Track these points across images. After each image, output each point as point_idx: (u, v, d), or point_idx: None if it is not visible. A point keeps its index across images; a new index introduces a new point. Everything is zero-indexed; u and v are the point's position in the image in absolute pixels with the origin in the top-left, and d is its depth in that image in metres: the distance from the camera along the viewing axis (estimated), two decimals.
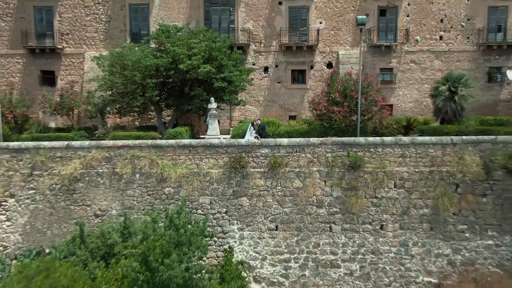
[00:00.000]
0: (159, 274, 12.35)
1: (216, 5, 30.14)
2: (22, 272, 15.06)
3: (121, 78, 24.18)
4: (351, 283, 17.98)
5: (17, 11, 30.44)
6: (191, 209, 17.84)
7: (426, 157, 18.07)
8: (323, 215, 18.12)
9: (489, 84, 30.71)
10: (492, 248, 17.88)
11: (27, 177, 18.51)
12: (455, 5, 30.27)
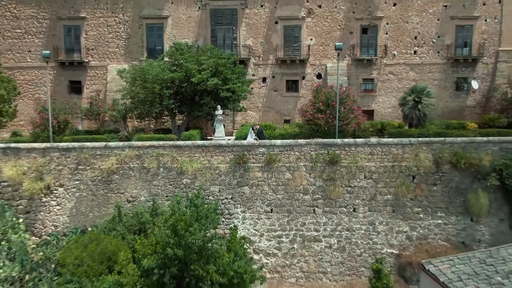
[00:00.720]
0: (184, 239, 16.99)
1: (221, 24, 34.86)
2: (78, 241, 19.85)
3: (143, 89, 28.83)
4: (330, 254, 22.70)
5: (49, 30, 35.17)
6: (204, 196, 22.52)
7: (390, 154, 22.80)
8: (308, 200, 22.85)
9: (456, 92, 35.44)
10: (441, 226, 22.61)
11: (73, 170, 23.23)
12: (427, 24, 34.98)
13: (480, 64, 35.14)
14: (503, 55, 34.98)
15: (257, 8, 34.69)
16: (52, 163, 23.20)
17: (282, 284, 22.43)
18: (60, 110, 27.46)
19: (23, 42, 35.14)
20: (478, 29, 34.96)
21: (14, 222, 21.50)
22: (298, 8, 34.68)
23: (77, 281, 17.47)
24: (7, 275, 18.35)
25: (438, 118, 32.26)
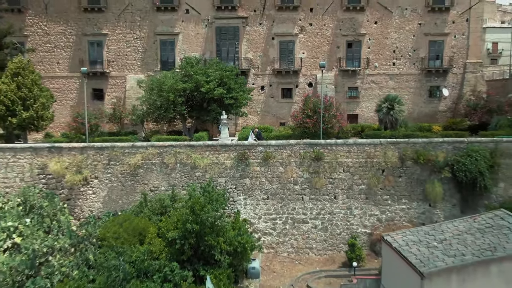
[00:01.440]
0: (200, 217, 22.04)
1: (225, 40, 40.02)
2: (114, 221, 24.99)
3: (159, 97, 33.87)
4: (316, 233, 27.81)
5: (75, 44, 40.32)
6: (214, 185, 27.60)
7: (364, 152, 27.90)
8: (297, 190, 27.95)
9: (430, 98, 40.62)
10: (405, 210, 27.72)
11: (106, 165, 28.34)
12: (404, 39, 40.14)
13: (450, 74, 40.35)
14: (470, 66, 40.21)
15: (256, 26, 39.85)
16: (88, 159, 28.30)
17: (276, 257, 27.52)
18: (91, 116, 32.54)
19: (53, 55, 40.30)
20: (449, 44, 40.15)
21: (61, 206, 26.59)
22: (292, 25, 39.84)
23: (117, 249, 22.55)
24: (61, 246, 23.46)
25: (413, 121, 37.57)
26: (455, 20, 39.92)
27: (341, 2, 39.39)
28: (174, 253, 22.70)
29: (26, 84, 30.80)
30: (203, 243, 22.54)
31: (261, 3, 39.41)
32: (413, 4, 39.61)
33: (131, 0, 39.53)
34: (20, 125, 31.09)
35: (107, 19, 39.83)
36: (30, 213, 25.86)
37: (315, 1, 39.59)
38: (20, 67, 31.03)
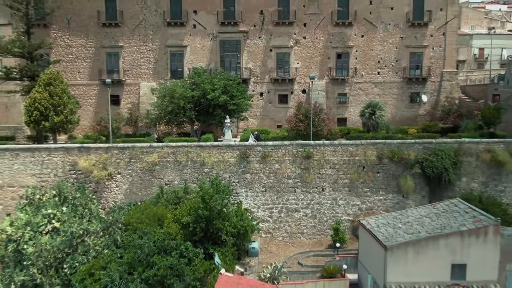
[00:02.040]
0: (209, 204, 26.69)
1: (228, 52, 44.71)
2: (136, 209, 29.72)
3: (171, 103, 38.53)
4: (306, 220, 32.52)
5: (94, 55, 44.99)
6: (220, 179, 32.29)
7: (347, 151, 32.61)
8: (291, 183, 32.66)
9: (411, 104, 45.30)
10: (382, 201, 32.44)
11: (127, 163, 33.05)
12: (388, 51, 44.82)
13: (429, 82, 45.04)
14: (446, 75, 44.91)
15: (256, 39, 44.55)
16: (112, 157, 33.02)
17: (273, 241, 32.23)
18: (113, 120, 37.25)
19: (74, 65, 44.99)
20: (427, 55, 44.85)
21: (91, 197, 31.31)
22: (288, 39, 44.55)
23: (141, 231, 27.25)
24: (94, 229, 28.18)
25: (395, 124, 42.31)
26: (433, 34, 44.60)
27: (331, 17, 44.07)
28: (188, 235, 27.37)
29: (57, 93, 35.52)
30: (211, 226, 27.24)
31: (260, 19, 44.12)
32: (395, 20, 44.30)
33: (145, 16, 44.22)
34: (52, 128, 35.85)
35: (123, 33, 44.50)
36: (65, 203, 30.57)
37: (308, 17, 44.28)
38: (51, 78, 35.77)
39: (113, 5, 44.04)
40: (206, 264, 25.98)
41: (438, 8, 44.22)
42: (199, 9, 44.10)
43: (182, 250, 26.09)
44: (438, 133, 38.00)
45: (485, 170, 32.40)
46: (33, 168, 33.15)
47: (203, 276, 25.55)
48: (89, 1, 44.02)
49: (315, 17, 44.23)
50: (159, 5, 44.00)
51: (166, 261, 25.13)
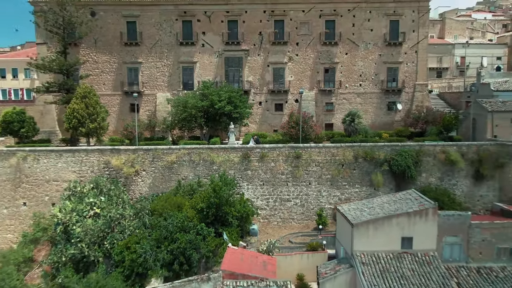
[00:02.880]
0: (219, 194, 34.02)
1: (232, 67, 51.98)
2: (160, 198, 37.04)
3: (184, 112, 45.71)
4: (296, 208, 39.75)
5: (117, 70, 52.23)
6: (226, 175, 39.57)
7: (330, 152, 39.86)
8: (284, 178, 39.90)
9: (388, 111, 52.54)
10: (357, 192, 39.67)
11: (151, 161, 40.28)
12: (368, 66, 52.07)
13: (403, 93, 52.29)
14: (418, 87, 52.17)
15: (255, 56, 51.82)
16: (139, 157, 40.27)
17: (269, 225, 39.47)
18: (138, 126, 44.55)
19: (100, 78, 52.23)
20: (402, 69, 52.10)
21: (122, 189, 38.58)
22: (283, 56, 51.82)
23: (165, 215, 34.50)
24: (127, 214, 35.48)
25: (375, 129, 49.49)
26: (406, 52, 51.89)
27: (320, 38, 51.33)
28: (202, 218, 34.68)
29: (91, 104, 42.82)
30: (220, 211, 34.56)
31: (259, 39, 51.40)
32: (374, 40, 51.57)
33: (160, 37, 51.49)
34: (87, 133, 43.13)
35: (142, 51, 51.76)
36: (102, 194, 37.88)
37: (300, 37, 51.56)
38: (86, 91, 43.06)
39: (134, 27, 51.32)
40: (216, 240, 33.32)
41: (411, 30, 51.50)
42: (207, 31, 51.41)
43: (198, 229, 33.42)
44: (408, 137, 45.30)
45: (440, 168, 39.67)
46: (74, 166, 40.38)
47: (214, 249, 32.88)
48: (113, 24, 51.30)
49: (306, 37, 51.50)
50: (173, 28, 51.30)
51: (186, 237, 32.47)
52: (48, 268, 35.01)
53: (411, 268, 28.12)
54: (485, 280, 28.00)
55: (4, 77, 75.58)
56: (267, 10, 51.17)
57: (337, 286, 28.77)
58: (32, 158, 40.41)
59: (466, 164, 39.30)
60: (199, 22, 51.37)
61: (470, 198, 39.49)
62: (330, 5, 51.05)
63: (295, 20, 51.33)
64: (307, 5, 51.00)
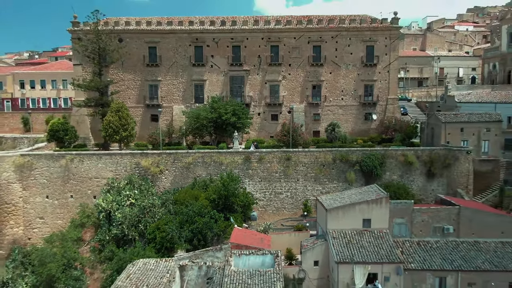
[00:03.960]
0: (227, 187, 44.00)
1: (235, 84, 62.02)
2: (181, 192, 47.14)
3: (196, 122, 55.65)
4: (287, 200, 49.76)
5: (140, 86, 62.27)
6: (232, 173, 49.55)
7: (314, 155, 49.88)
8: (278, 176, 49.93)
9: (365, 121, 62.54)
10: (335, 187, 49.64)
11: (172, 162, 50.25)
12: (348, 83, 62.09)
13: (378, 105, 62.28)
14: (390, 100, 62.15)
15: (255, 75, 61.87)
16: (162, 159, 50.27)
17: (266, 213, 49.45)
18: (158, 134, 54.59)
19: (126, 93, 62.23)
20: (377, 86, 62.08)
21: (151, 184, 48.60)
22: (277, 75, 61.86)
23: (185, 204, 44.52)
24: (156, 203, 45.53)
25: (353, 135, 59.45)
26: (380, 71, 61.89)
27: (308, 60, 61.36)
28: (214, 206, 44.70)
29: (123, 116, 52.84)
30: (228, 201, 44.60)
31: (258, 61, 61.42)
32: (354, 62, 61.58)
33: (176, 59, 61.53)
34: (119, 140, 53.18)
35: (161, 71, 61.78)
36: (135, 188, 47.88)
37: (292, 59, 61.59)
38: (119, 106, 53.09)
39: (154, 51, 61.35)
40: (225, 223, 43.38)
41: (383, 54, 61.51)
42: (215, 54, 61.46)
43: (211, 215, 43.47)
44: (379, 142, 55.31)
45: (401, 167, 49.68)
46: (111, 166, 50.37)
47: (223, 229, 42.92)
48: (137, 49, 61.35)
49: (297, 60, 61.54)
50: (187, 52, 61.35)
51: (202, 220, 42.52)
52: (96, 245, 45.12)
53: (368, 241, 38.09)
54: (422, 249, 37.94)
55: (33, 87, 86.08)
56: (265, 37, 61.23)
57: (314, 254, 38.77)
58: (77, 160, 50.42)
59: (420, 165, 49.35)
60: (208, 47, 61.44)
61: (424, 192, 49.55)
62: (317, 33, 61.09)
63: (288, 45, 61.40)
64: (297, 33, 61.05)
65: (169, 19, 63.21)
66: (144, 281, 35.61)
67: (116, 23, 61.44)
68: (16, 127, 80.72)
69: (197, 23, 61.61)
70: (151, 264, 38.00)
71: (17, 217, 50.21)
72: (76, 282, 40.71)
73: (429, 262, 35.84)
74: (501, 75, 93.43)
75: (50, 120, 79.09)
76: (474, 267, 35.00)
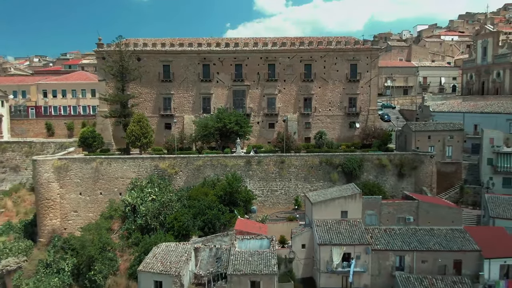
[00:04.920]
0: (231, 186, 53.24)
1: (238, 97, 71.28)
2: (193, 189, 56.43)
3: (205, 130, 64.86)
4: (281, 196, 58.94)
5: (155, 99, 71.57)
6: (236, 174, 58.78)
7: (303, 159, 59.13)
8: (273, 176, 59.15)
9: (349, 129, 71.81)
10: (321, 186, 58.68)
11: (185, 165, 59.50)
12: (335, 96, 71.38)
13: (360, 115, 71.54)
14: (371, 111, 71.29)
15: (255, 89, 71.17)
16: (177, 162, 59.52)
17: (263, 207, 58.61)
18: (173, 140, 63.92)
19: (143, 104, 71.47)
20: (359, 98, 71.36)
21: (168, 183, 57.83)
22: (274, 89, 71.15)
23: (197, 199, 53.77)
24: (173, 199, 54.80)
25: (339, 141, 68.70)
26: (362, 86, 71.15)
27: (300, 76, 70.65)
28: (221, 201, 53.92)
29: (144, 126, 62.10)
30: (233, 196, 53.91)
31: (257, 77, 70.71)
32: (339, 78, 70.84)
33: (187, 76, 70.82)
34: (140, 146, 62.45)
35: (173, 85, 71.04)
36: (155, 186, 57.11)
37: (286, 76, 70.88)
38: (140, 117, 62.36)
39: (168, 69, 70.62)
40: (230, 215, 52.65)
41: (365, 71, 70.76)
42: (220, 72, 70.77)
43: (219, 208, 52.70)
44: (361, 147, 64.52)
45: (376, 169, 58.89)
46: (134, 168, 59.60)
47: (229, 219, 52.17)
48: (153, 67, 70.64)
49: (290, 76, 70.82)
50: (196, 69, 70.63)
51: (212, 212, 51.78)
52: (124, 233, 54.38)
53: (345, 228, 47.31)
54: (387, 235, 47.14)
55: (55, 96, 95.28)
56: (263, 57, 70.53)
57: (302, 239, 47.96)
58: (106, 163, 59.66)
59: (392, 167, 58.61)
60: (215, 65, 70.72)
61: (395, 189, 58.79)
62: (308, 53, 70.38)
63: (282, 64, 70.69)
64: (291, 53, 70.34)
65: (180, 40, 72.48)
66: (167, 259, 44.92)
67: (135, 44, 70.71)
68: (40, 132, 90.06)
69: (205, 45, 70.93)
70: (171, 246, 47.32)
71: (55, 211, 59.44)
72: (111, 262, 50.01)
73: (392, 244, 45.11)
74: (477, 85, 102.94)
75: (71, 126, 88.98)
76: (427, 248, 44.30)
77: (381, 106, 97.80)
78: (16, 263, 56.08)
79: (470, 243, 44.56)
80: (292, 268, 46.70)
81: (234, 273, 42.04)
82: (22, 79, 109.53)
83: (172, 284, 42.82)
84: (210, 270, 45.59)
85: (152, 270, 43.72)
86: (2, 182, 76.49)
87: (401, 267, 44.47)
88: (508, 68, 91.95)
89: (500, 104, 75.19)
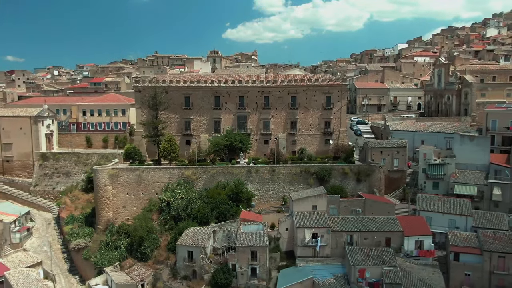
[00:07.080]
0: (238, 188, 74.40)
1: (241, 121, 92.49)
2: (210, 190, 77.85)
3: (217, 146, 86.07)
4: (273, 195, 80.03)
5: (178, 121, 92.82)
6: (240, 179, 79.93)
7: (289, 168, 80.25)
8: (267, 181, 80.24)
9: (325, 144, 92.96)
10: (301, 188, 79.70)
11: (203, 173, 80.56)
12: (315, 120, 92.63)
13: (333, 134, 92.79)
14: (342, 131, 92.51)
15: (254, 115, 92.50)
16: (197, 171, 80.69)
17: (260, 203, 79.60)
18: (194, 154, 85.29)
19: (169, 126, 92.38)
20: (333, 122, 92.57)
21: (192, 186, 79.00)
22: (268, 115, 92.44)
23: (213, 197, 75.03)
24: (196, 197, 76.10)
25: (317, 155, 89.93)
26: (335, 112, 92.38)
27: (288, 105, 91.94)
28: (230, 199, 75.23)
29: (172, 144, 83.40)
30: (238, 195, 75.27)
31: (255, 106, 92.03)
32: (318, 107, 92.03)
33: (203, 104, 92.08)
34: (170, 159, 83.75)
35: (192, 112, 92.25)
36: (183, 188, 78.29)
37: (278, 105, 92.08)
38: (170, 137, 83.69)
39: (188, 99, 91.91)
40: (237, 208, 74.01)
41: (337, 101, 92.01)
42: (227, 101, 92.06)
43: (229, 203, 74.09)
44: (332, 159, 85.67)
45: (341, 176, 79.86)
46: (166, 175, 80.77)
47: (236, 211, 73.51)
48: (177, 98, 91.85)
49: (281, 105, 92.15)
50: (209, 100, 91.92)
51: (223, 206, 73.23)
52: (162, 221, 75.66)
53: (315, 218, 68.50)
54: (343, 221, 68.09)
55: (92, 114, 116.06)
56: (260, 90, 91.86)
57: (286, 224, 68.99)
58: (146, 171, 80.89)
59: (352, 174, 79.77)
60: (223, 96, 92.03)
61: (355, 191, 79.67)
62: (293, 88, 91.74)
63: (274, 96, 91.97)
64: (281, 88, 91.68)
65: (198, 77, 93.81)
66: (194, 238, 66.54)
67: (164, 81, 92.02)
68: (81, 144, 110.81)
69: (216, 82, 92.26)
70: (197, 229, 68.91)
71: (109, 206, 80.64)
72: (155, 240, 71.45)
73: (345, 227, 66.38)
74: (434, 105, 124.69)
75: (106, 139, 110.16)
76: (368, 229, 65.60)
77: (356, 122, 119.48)
78: (83, 243, 77.55)
79: (397, 226, 65.90)
80: (279, 244, 68.03)
81: (240, 245, 63.55)
82: (63, 99, 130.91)
83: (199, 253, 64.37)
84: (224, 245, 67.06)
85: (186, 243, 65.34)
86: (57, 184, 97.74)
87: (351, 242, 65.63)
88: (454, 94, 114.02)
89: (442, 125, 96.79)
